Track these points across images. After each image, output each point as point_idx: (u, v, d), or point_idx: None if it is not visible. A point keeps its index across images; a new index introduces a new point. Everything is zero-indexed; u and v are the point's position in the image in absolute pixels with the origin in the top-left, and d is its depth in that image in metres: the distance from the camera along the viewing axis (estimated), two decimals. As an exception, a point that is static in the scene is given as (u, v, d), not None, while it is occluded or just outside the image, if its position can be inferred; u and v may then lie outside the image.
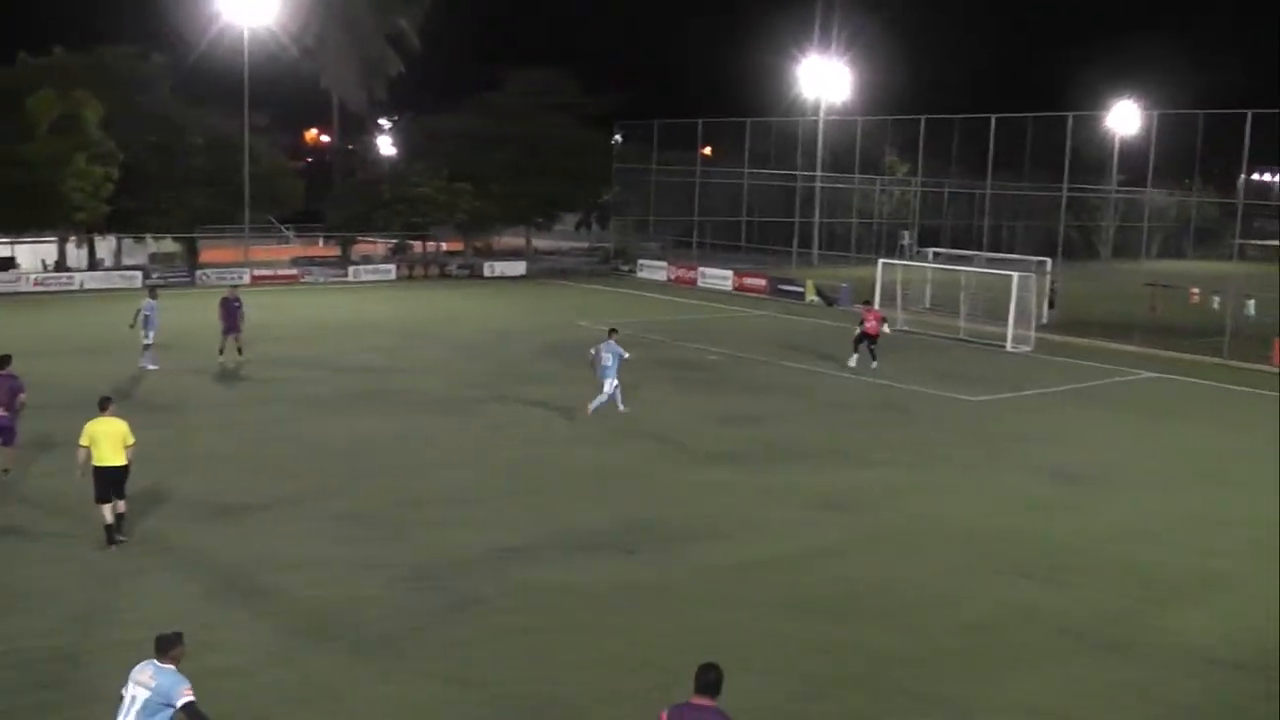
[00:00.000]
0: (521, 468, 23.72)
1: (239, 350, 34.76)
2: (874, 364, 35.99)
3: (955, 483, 23.49)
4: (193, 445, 25.15)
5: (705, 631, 15.27)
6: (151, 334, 33.08)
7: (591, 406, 27.39)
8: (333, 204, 69.72)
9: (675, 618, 15.91)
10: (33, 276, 57.74)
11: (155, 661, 9.97)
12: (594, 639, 15.19)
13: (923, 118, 64.03)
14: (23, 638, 14.72)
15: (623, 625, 15.66)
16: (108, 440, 17.72)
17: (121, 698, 9.96)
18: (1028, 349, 41.85)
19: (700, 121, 72.94)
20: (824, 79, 71.31)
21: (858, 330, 36.48)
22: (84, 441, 17.76)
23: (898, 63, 78.92)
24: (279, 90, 66.46)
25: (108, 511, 17.86)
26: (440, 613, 15.88)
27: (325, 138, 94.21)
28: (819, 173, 69.91)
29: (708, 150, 77.37)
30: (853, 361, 36.35)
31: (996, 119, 57.69)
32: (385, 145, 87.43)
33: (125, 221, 59.92)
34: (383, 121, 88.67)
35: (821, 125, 71.28)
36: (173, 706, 9.72)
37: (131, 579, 16.95)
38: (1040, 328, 44.67)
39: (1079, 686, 14.28)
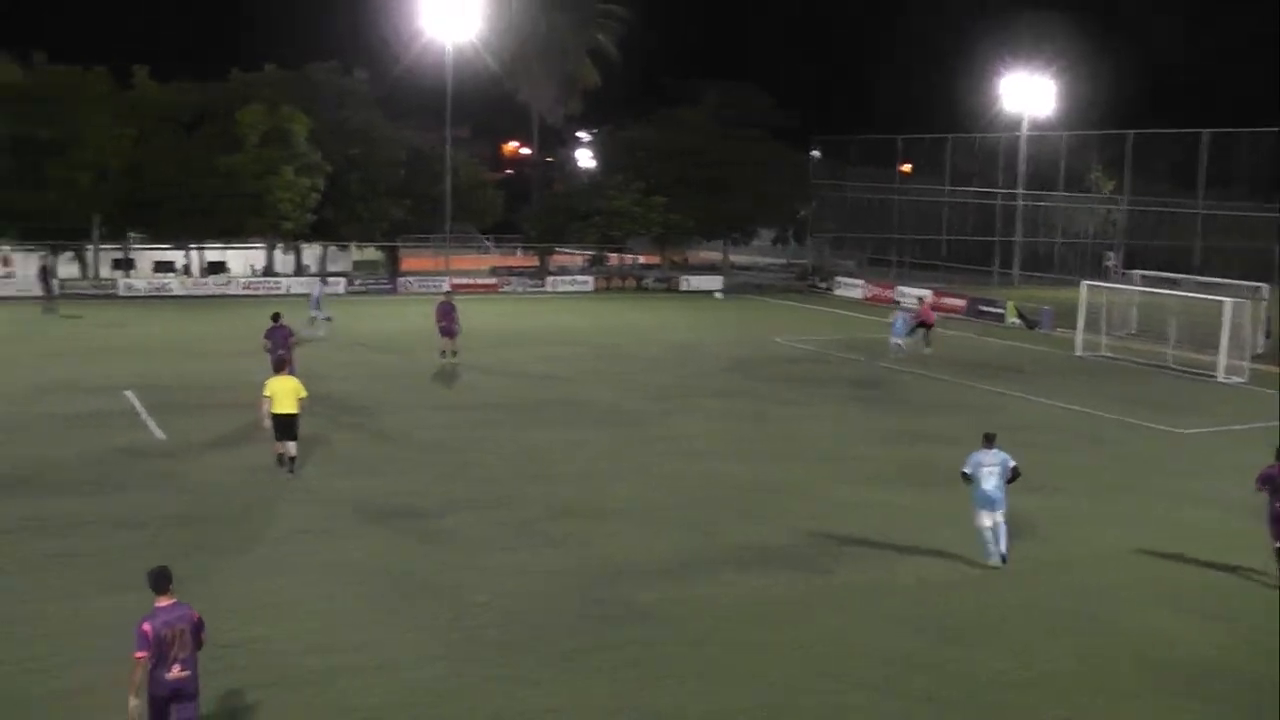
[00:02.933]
0: (688, 481, 23.40)
1: (454, 353, 36.02)
2: (927, 350, 41.13)
3: (1134, 514, 22.22)
4: (378, 446, 25.65)
5: (835, 646, 14.79)
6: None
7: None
8: (531, 215, 70.78)
9: (827, 637, 15.42)
10: (242, 280, 60.15)
11: None
12: (753, 654, 14.83)
13: (1130, 133, 61.70)
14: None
15: (780, 642, 15.23)
16: (285, 394, 21.98)
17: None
18: (1241, 380, 39.43)
19: (900, 138, 71.77)
20: (1027, 93, 69.29)
21: (913, 323, 42.02)
22: (266, 393, 21.96)
23: (1103, 75, 75.99)
24: (478, 104, 67.99)
25: (287, 447, 22.35)
26: (602, 624, 15.71)
27: (525, 150, 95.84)
28: (1020, 190, 68.00)
29: (906, 167, 76.03)
30: (903, 341, 40.79)
31: (1209, 134, 55.14)
32: (583, 158, 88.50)
33: (329, 230, 61.94)
34: (581, 134, 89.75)
35: (1024, 141, 69.33)
36: None
37: (304, 574, 17.32)
38: (1255, 358, 42.27)
39: None
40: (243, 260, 67.01)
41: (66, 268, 61.10)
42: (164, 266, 65.44)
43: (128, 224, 60.47)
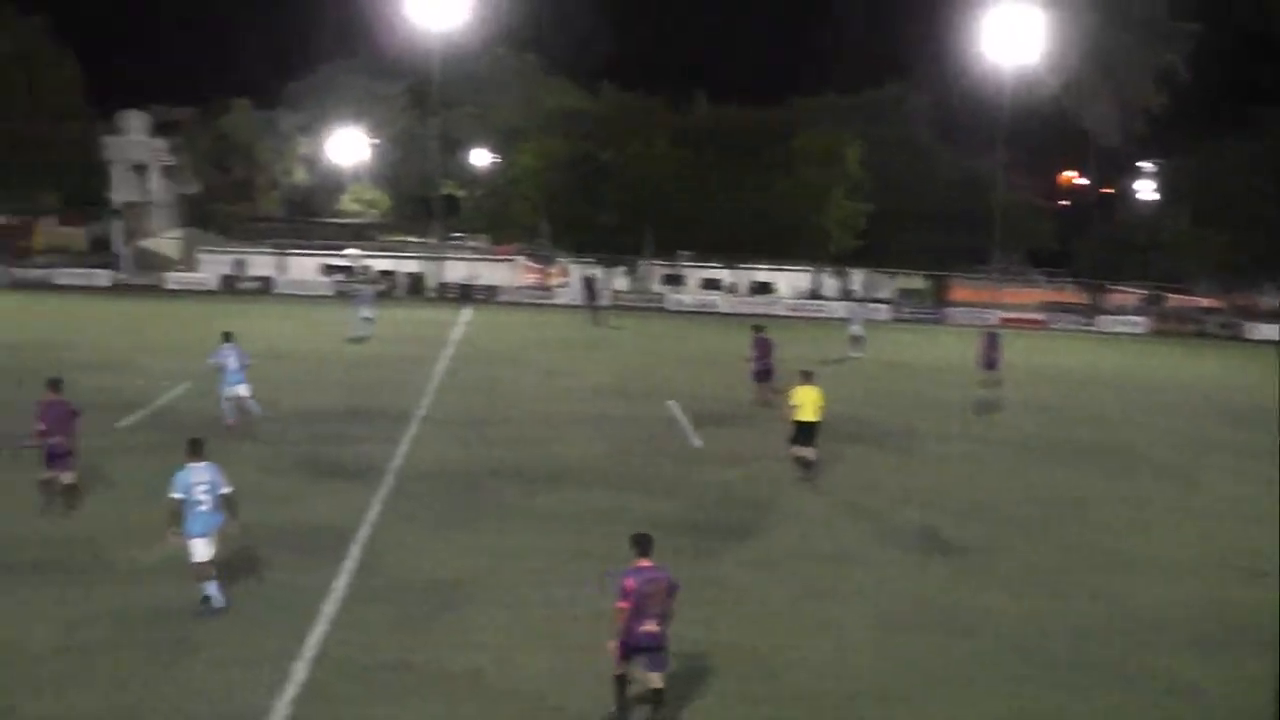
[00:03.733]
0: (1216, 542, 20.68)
1: (996, 384, 35.10)
2: None
3: None
4: (913, 477, 24.73)
5: None
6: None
7: None
8: (1084, 249, 67.37)
9: None
10: (787, 301, 61.04)
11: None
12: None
13: None
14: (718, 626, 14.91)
15: None
16: (810, 402, 23.11)
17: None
18: None
19: None
20: None
21: None
22: (793, 402, 23.18)
23: None
24: (1035, 130, 65.37)
25: (806, 453, 23.25)
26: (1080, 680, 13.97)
27: (1081, 180, 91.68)
28: None
29: None
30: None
31: None
32: (1145, 189, 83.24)
33: (875, 256, 61.72)
34: (1143, 164, 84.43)
35: None
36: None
37: (843, 599, 16.69)
38: None
39: None
40: (788, 281, 68.14)
41: (618, 281, 64.59)
42: (711, 284, 67.77)
43: (678, 242, 63.06)
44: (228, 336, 26.46)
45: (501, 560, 17.50)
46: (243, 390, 25.54)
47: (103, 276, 59.64)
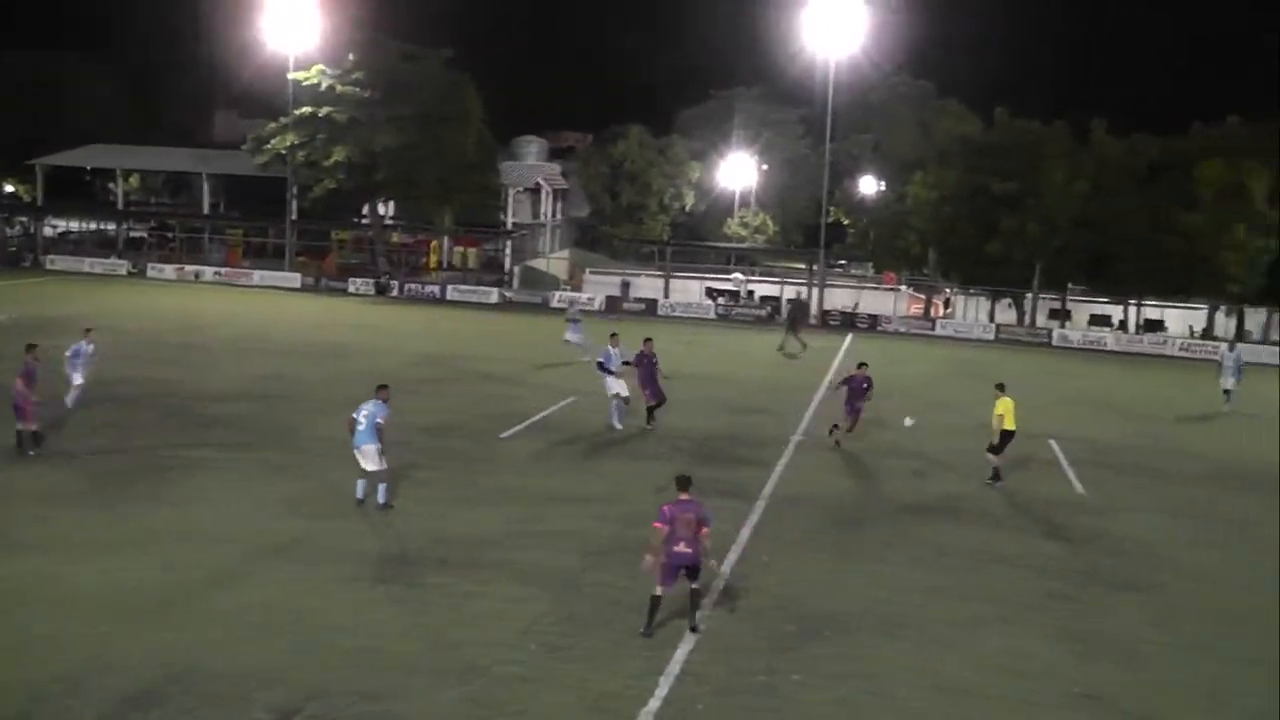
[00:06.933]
0: None
1: None
2: None
3: None
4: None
5: None
6: None
7: None
8: None
9: None
10: (1179, 341, 57.93)
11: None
12: None
13: None
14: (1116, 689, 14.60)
15: None
16: (1010, 412, 24.80)
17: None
18: None
19: None
20: None
21: None
22: (998, 412, 24.87)
23: None
24: None
25: (995, 458, 25.08)
26: None
27: None
28: None
29: None
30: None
31: None
32: None
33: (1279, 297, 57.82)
34: None
35: None
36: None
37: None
38: None
39: None
40: (1181, 320, 64.66)
41: (1004, 314, 62.95)
42: (1099, 320, 65.13)
43: (1069, 276, 60.95)
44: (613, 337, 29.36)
45: (869, 591, 17.62)
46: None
47: (491, 294, 63.00)
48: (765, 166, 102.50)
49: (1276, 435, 32.88)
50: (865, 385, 27.90)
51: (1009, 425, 24.86)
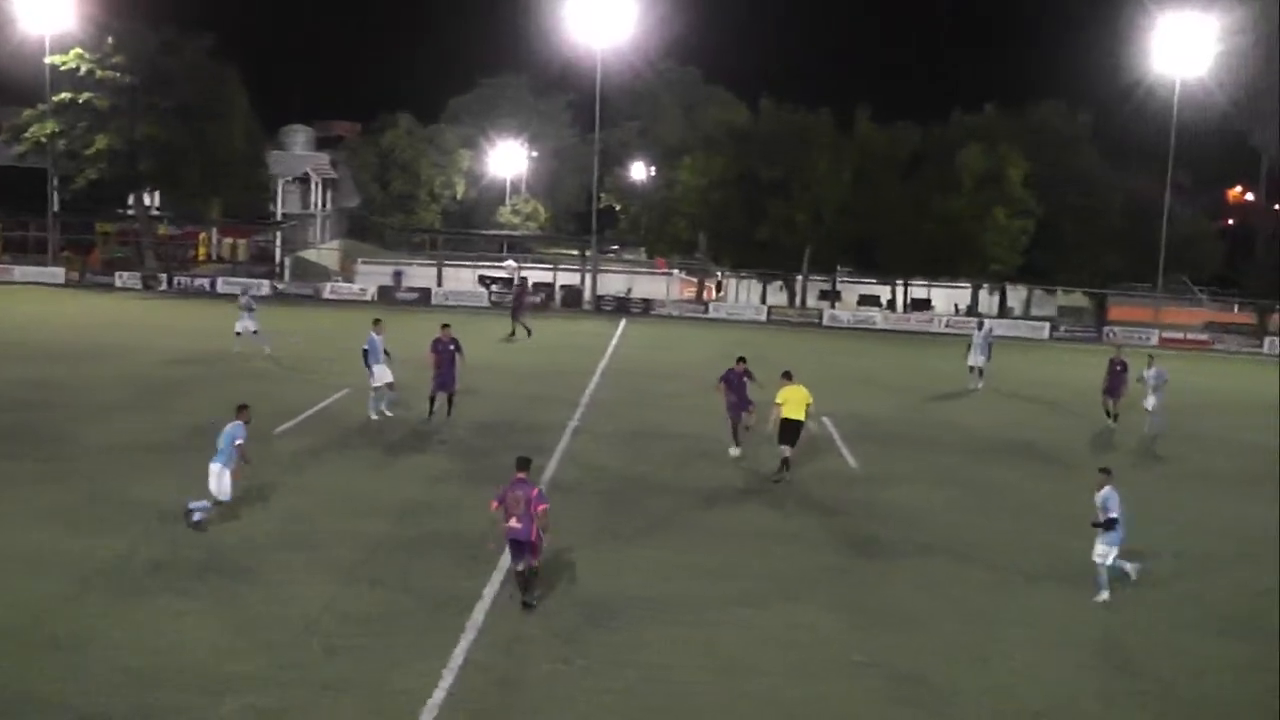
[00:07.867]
0: None
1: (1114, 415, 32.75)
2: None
3: None
4: (1068, 506, 24.16)
5: None
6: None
7: None
8: (1253, 269, 65.11)
9: None
10: (944, 318, 60.20)
11: None
12: None
13: None
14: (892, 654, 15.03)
15: None
16: (794, 401, 23.48)
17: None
18: None
19: None
20: None
21: None
22: (778, 400, 23.63)
23: None
24: (1202, 147, 63.50)
25: (787, 450, 23.69)
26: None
27: (1249, 196, 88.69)
28: None
29: None
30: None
31: None
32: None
33: (1036, 275, 60.58)
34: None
35: None
36: None
37: (1004, 628, 16.42)
38: None
39: None
40: (948, 299, 67.30)
41: (775, 296, 64.26)
42: (869, 300, 67.20)
43: (837, 259, 62.66)
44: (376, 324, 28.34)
45: (651, 576, 17.62)
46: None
47: (262, 286, 61.19)
48: (535, 154, 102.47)
49: (1029, 407, 34.46)
50: (743, 378, 26.14)
51: (789, 414, 23.45)
